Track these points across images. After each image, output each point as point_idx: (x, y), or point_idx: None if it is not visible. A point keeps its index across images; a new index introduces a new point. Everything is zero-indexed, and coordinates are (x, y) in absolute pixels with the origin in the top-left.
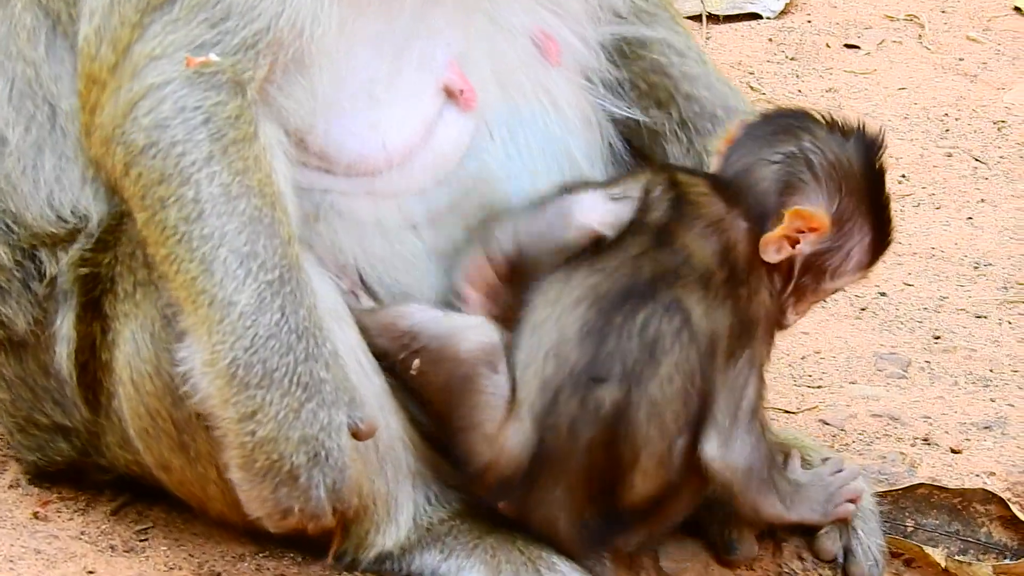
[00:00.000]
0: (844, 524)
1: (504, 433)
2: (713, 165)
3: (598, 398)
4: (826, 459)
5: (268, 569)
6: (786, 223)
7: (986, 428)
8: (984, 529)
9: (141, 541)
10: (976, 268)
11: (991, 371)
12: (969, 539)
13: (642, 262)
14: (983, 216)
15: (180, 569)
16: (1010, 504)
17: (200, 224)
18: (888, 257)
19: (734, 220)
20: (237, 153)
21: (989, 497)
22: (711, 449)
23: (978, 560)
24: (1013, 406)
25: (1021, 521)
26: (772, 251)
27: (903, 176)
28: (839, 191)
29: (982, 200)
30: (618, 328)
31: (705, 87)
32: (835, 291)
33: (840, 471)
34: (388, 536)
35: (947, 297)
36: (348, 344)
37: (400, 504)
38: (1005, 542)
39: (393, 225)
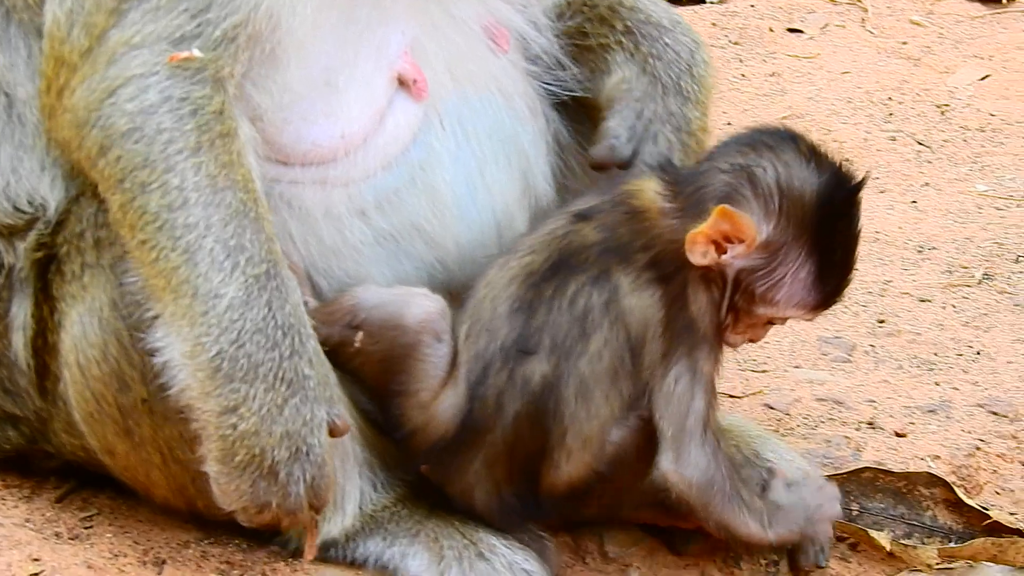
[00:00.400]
0: None
1: (438, 400)
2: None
3: (527, 371)
4: (805, 476)
5: (213, 556)
6: (710, 221)
7: (931, 412)
8: (929, 512)
9: (86, 528)
10: (920, 252)
11: (935, 355)
12: (914, 522)
13: (570, 237)
14: (927, 200)
15: (125, 556)
16: (955, 487)
17: (185, 212)
18: None
19: (664, 213)
20: (223, 147)
21: (934, 480)
22: (665, 462)
23: (923, 543)
24: (958, 389)
25: (966, 504)
26: (698, 251)
27: (847, 160)
28: (778, 213)
29: (926, 184)
30: (548, 300)
31: (650, 1)
32: (772, 320)
33: (820, 488)
34: (334, 524)
35: (891, 281)
36: None
37: (347, 493)
38: (950, 525)
39: (342, 213)
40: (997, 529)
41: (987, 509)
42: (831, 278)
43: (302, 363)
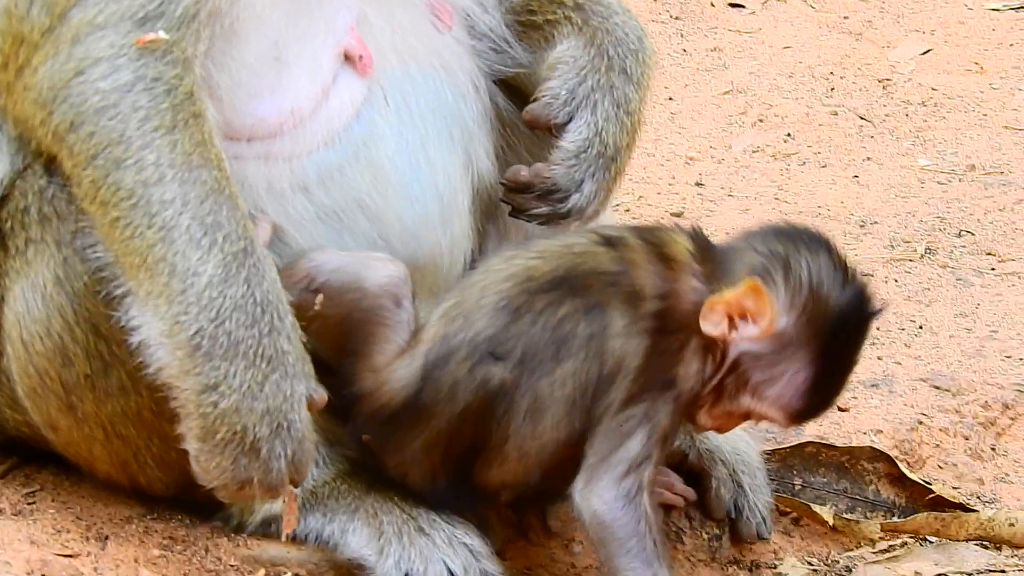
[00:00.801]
0: (733, 483)
1: (391, 367)
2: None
3: (488, 372)
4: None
5: (156, 531)
6: (738, 291)
7: (873, 386)
8: (872, 487)
9: (29, 504)
10: (862, 226)
11: (878, 329)
12: (857, 497)
13: (584, 259)
14: (869, 174)
15: (68, 532)
16: (897, 462)
17: (161, 189)
18: (774, 215)
19: (692, 272)
20: (196, 126)
21: (877, 455)
22: (576, 486)
23: (866, 518)
24: (900, 364)
25: (909, 479)
26: (711, 319)
27: (788, 135)
28: (802, 310)
29: (868, 158)
30: (536, 313)
31: None
32: (749, 415)
33: None
34: (276, 501)
35: None
36: None
37: None
38: (893, 499)
39: (284, 188)
40: (940, 503)
41: (930, 484)
42: (822, 392)
43: (281, 339)
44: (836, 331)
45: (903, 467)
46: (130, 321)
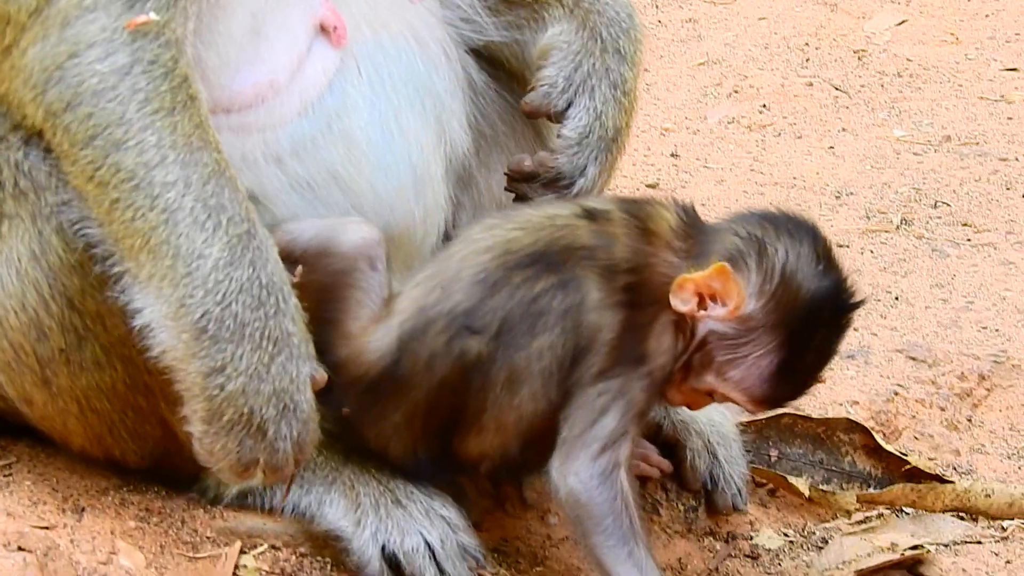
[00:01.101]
0: (708, 454)
1: (367, 335)
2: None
3: (465, 345)
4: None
5: (132, 503)
6: (706, 273)
7: (849, 357)
8: (848, 458)
9: (5, 476)
10: (838, 197)
11: None
12: (833, 468)
13: (564, 232)
14: (844, 145)
15: (45, 504)
16: (874, 433)
17: (163, 170)
18: (749, 187)
19: (670, 247)
20: (194, 108)
21: (853, 426)
22: (552, 463)
23: (842, 489)
24: (876, 335)
25: (885, 450)
26: (680, 296)
27: (764, 106)
28: (771, 295)
29: (843, 129)
30: (513, 287)
31: None
32: (713, 394)
33: None
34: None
35: None
36: None
37: None
38: (869, 471)
39: (258, 159)
40: (916, 475)
41: (906, 455)
42: (788, 382)
43: (286, 321)
44: (806, 320)
45: (879, 438)
46: (130, 303)
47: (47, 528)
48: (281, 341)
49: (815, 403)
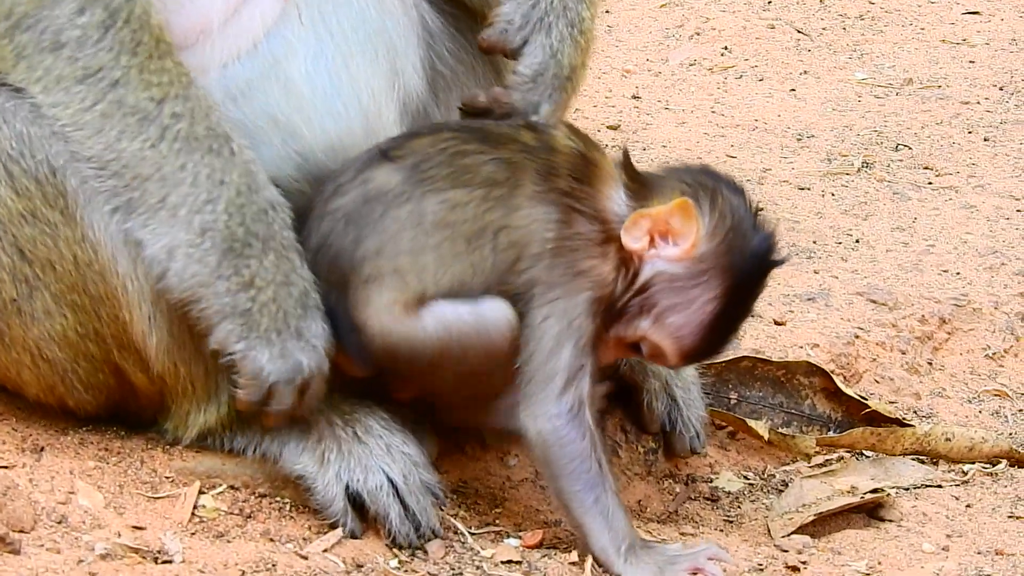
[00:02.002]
0: (667, 396)
1: None
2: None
3: (373, 173)
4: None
5: (91, 443)
6: (668, 207)
7: (809, 300)
8: (808, 401)
9: None
10: (799, 140)
11: (814, 243)
12: (793, 411)
13: (505, 130)
14: (806, 88)
15: (3, 443)
16: (834, 377)
17: (171, 104)
18: (711, 129)
19: (615, 182)
20: (171, 49)
21: (813, 369)
22: (519, 407)
23: (801, 432)
24: (837, 278)
25: (844, 393)
26: (633, 233)
27: (725, 48)
28: (722, 240)
29: (805, 72)
30: (441, 139)
31: None
32: (639, 344)
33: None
34: (208, 414)
35: (770, 169)
36: None
37: (220, 384)
38: (829, 414)
39: None
40: (876, 418)
41: (866, 398)
42: (718, 334)
43: (288, 231)
44: (747, 269)
45: (839, 382)
46: (130, 235)
47: (6, 467)
48: (291, 247)
49: (775, 346)
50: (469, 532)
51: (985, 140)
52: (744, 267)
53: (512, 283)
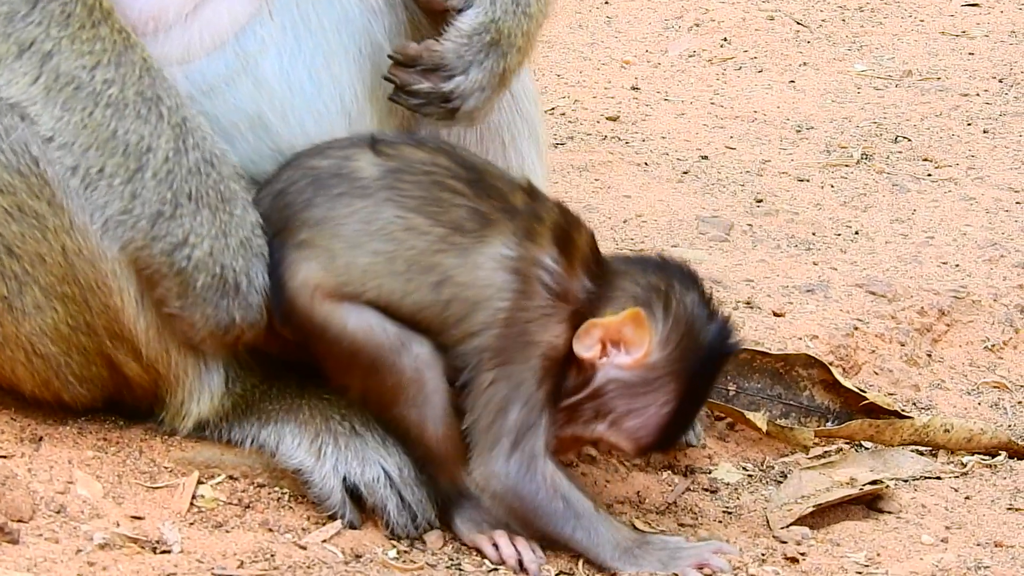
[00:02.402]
0: None
1: None
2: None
3: (354, 157)
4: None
5: (90, 432)
6: (620, 317)
7: (808, 291)
8: (806, 393)
9: None
10: (798, 131)
11: (814, 234)
12: (791, 403)
13: (502, 181)
14: (805, 80)
15: (2, 432)
16: (832, 368)
17: (102, 71)
18: (710, 120)
19: (584, 272)
20: (113, 18)
21: (811, 361)
22: (472, 464)
23: (800, 424)
24: (836, 269)
25: (843, 385)
26: (585, 342)
27: (725, 40)
28: (675, 345)
29: (804, 64)
30: (433, 154)
31: None
32: (596, 444)
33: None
34: (203, 404)
35: (769, 160)
36: None
37: (211, 371)
38: (827, 405)
39: None
40: (874, 410)
41: (864, 390)
42: (677, 427)
43: (230, 182)
44: (702, 366)
45: (838, 373)
46: (87, 206)
47: (4, 457)
48: (232, 197)
49: (774, 337)
50: None
51: (984, 132)
52: (698, 366)
53: (454, 339)
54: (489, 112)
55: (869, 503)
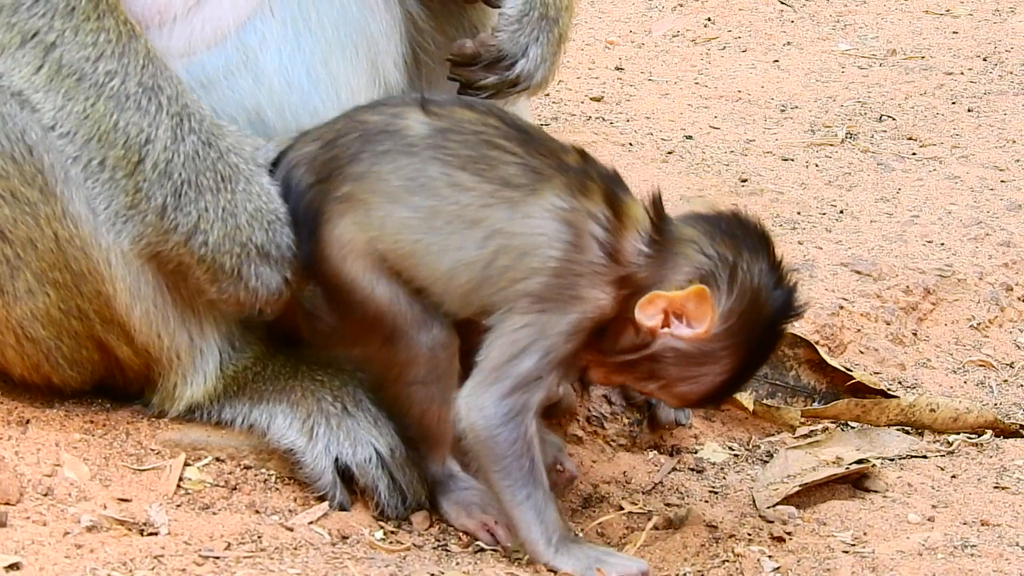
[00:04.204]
0: None
1: None
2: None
3: (405, 116)
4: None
5: (77, 415)
6: (684, 294)
7: (794, 271)
8: (792, 372)
9: None
10: (783, 111)
11: (798, 214)
12: (777, 382)
13: (551, 143)
14: (789, 59)
15: None
16: (818, 348)
17: (107, 62)
18: (694, 100)
19: (639, 235)
20: (118, 10)
21: (797, 341)
22: (462, 391)
23: (786, 403)
24: (821, 248)
25: (829, 365)
26: (648, 312)
27: (708, 20)
28: (739, 318)
29: (788, 43)
30: (485, 115)
31: None
32: (643, 392)
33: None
34: (195, 387)
35: (754, 140)
36: None
37: (205, 353)
38: (813, 385)
39: None
40: (860, 389)
41: (850, 370)
42: (727, 390)
43: (230, 157)
44: (763, 336)
45: (824, 353)
46: (93, 201)
47: None
48: (233, 173)
49: None
50: None
51: (969, 111)
52: (760, 335)
53: (495, 289)
54: (552, 78)
55: (855, 482)
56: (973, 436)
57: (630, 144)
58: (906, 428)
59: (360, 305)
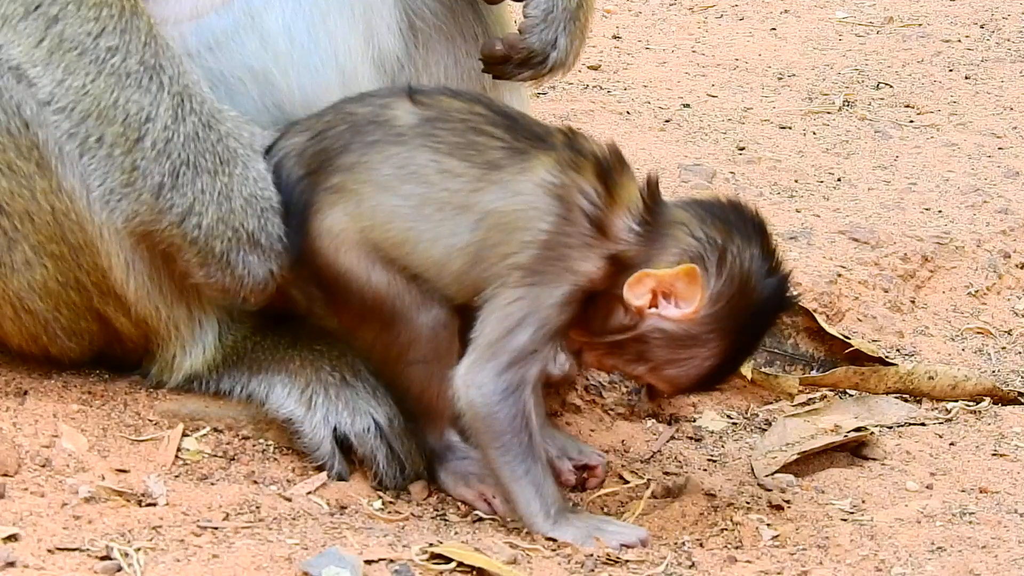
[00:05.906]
0: None
1: None
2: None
3: (393, 106)
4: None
5: (75, 386)
6: (675, 272)
7: (791, 239)
8: (791, 341)
9: None
10: (780, 79)
11: (796, 181)
12: (775, 351)
13: (539, 125)
14: (786, 27)
15: None
16: (816, 316)
17: (109, 38)
18: (691, 68)
19: (630, 215)
20: None
21: (795, 309)
22: (458, 369)
23: (785, 371)
24: (819, 216)
25: (827, 333)
26: (636, 291)
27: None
28: (728, 301)
29: (785, 11)
30: (469, 102)
31: None
32: (635, 378)
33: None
34: (194, 357)
35: (751, 108)
36: None
37: (204, 325)
38: (812, 353)
39: None
40: (859, 357)
41: (849, 337)
42: (715, 378)
43: (229, 140)
44: (752, 321)
45: (822, 321)
46: (87, 177)
47: None
48: (231, 157)
49: None
50: None
51: (966, 78)
52: (747, 323)
53: (488, 265)
54: (582, 52)
55: (854, 450)
56: (971, 403)
57: (628, 112)
58: (904, 396)
59: (357, 294)
